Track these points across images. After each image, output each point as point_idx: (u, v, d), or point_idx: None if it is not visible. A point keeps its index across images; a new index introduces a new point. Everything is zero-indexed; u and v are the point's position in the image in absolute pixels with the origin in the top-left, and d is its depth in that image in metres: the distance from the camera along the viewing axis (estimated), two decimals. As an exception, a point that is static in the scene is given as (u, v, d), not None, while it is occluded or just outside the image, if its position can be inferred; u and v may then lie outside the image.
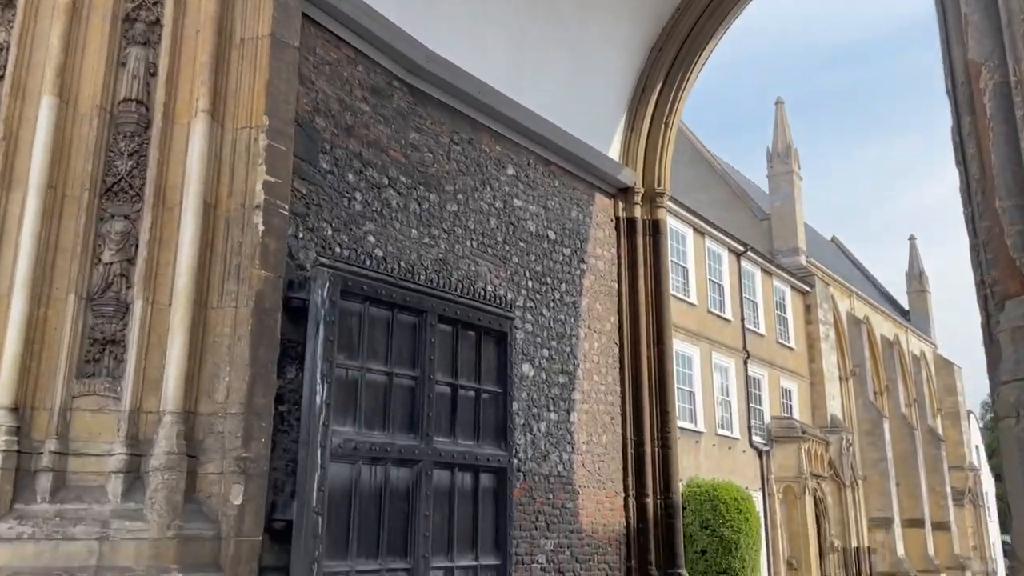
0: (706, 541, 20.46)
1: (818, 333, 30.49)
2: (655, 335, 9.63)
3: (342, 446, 5.67)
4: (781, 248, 31.28)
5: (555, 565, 8.05)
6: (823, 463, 27.82)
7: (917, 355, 41.50)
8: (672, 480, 9.28)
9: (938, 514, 36.95)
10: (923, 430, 38.19)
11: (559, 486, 8.32)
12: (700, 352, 23.69)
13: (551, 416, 8.43)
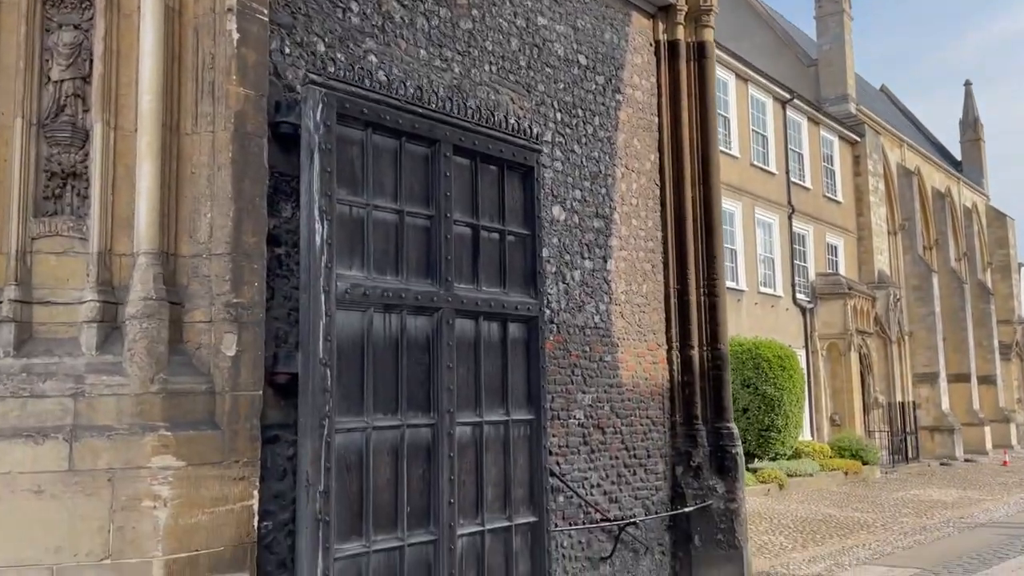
0: (748, 399, 20.13)
1: (867, 185, 29.04)
2: (700, 174, 8.71)
3: (349, 292, 5.01)
4: (829, 96, 29.40)
5: (594, 420, 7.53)
6: (869, 319, 27.08)
7: (969, 207, 39.78)
8: (720, 331, 8.60)
9: (984, 368, 36.39)
10: (972, 284, 37.07)
11: (596, 338, 7.69)
12: (742, 207, 22.63)
13: (586, 264, 7.69)
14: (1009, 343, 40.07)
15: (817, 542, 12.10)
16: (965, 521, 14.54)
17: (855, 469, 21.65)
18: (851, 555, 11.01)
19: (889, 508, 16.22)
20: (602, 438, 7.61)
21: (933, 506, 16.64)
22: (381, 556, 5.09)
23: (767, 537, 12.35)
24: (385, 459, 5.21)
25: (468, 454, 5.72)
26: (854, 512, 15.48)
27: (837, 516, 14.82)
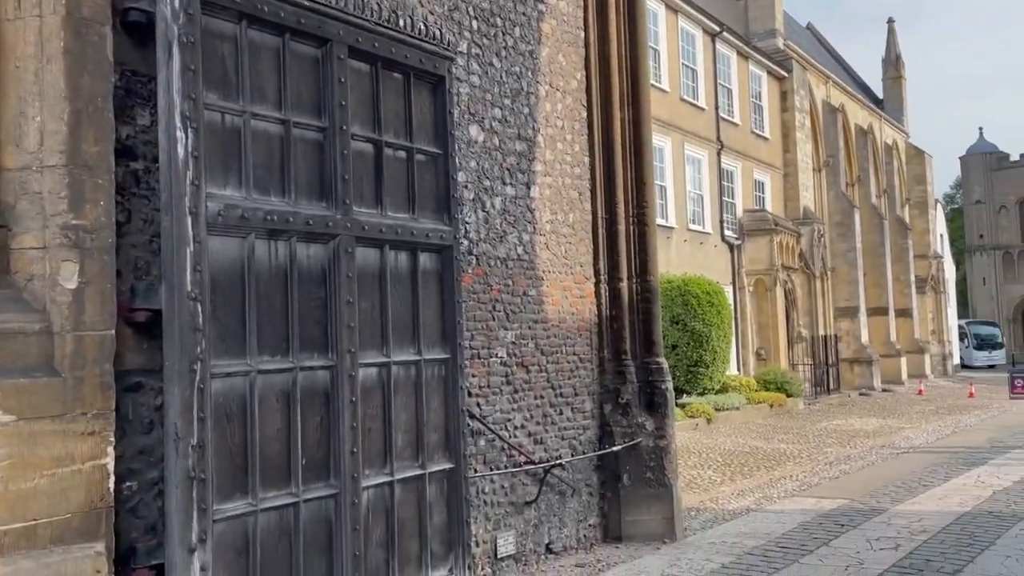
0: (677, 336, 20.06)
1: (794, 122, 29.04)
2: (630, 95, 8.12)
3: (223, 214, 4.28)
4: (757, 31, 29.07)
5: (517, 359, 7.01)
6: (794, 255, 27.35)
7: (889, 144, 40.49)
8: (650, 262, 8.13)
9: (901, 302, 37.51)
10: (891, 220, 37.92)
11: (519, 271, 7.12)
12: (671, 143, 22.25)
13: (507, 190, 7.06)
14: (925, 277, 41.39)
15: (745, 475, 12.04)
16: (887, 449, 14.78)
17: (780, 402, 21.98)
18: (779, 487, 10.95)
19: (813, 439, 16.42)
20: (526, 377, 7.10)
21: (855, 435, 16.92)
22: (272, 515, 4.48)
23: (696, 472, 12.23)
24: (275, 406, 4.56)
25: (374, 398, 5.12)
26: (780, 444, 15.59)
27: (764, 448, 14.88)
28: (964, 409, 22.94)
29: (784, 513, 9.09)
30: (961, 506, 9.09)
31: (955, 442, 15.72)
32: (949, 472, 11.66)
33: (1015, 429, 17.65)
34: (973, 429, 18.02)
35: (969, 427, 18.39)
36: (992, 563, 6.73)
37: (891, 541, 7.57)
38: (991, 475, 11.29)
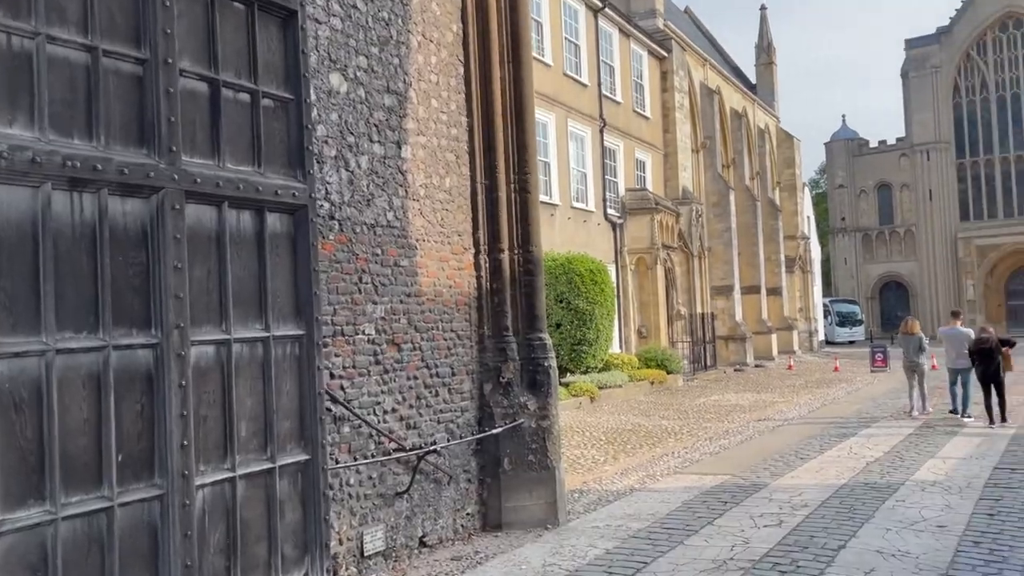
0: (561, 314, 19.87)
1: (673, 102, 29.41)
2: (510, 52, 7.57)
3: (8, 156, 3.44)
4: (638, 10, 29.20)
5: (387, 335, 6.37)
6: (673, 235, 27.77)
7: (762, 128, 41.92)
8: (532, 231, 7.64)
9: (772, 281, 39.04)
10: (764, 202, 39.31)
11: (390, 239, 6.47)
12: (556, 119, 21.95)
13: (375, 149, 6.38)
14: (793, 257, 43.25)
15: (628, 453, 11.87)
16: (763, 423, 15.05)
17: (660, 378, 22.24)
18: (662, 464, 10.81)
19: (693, 414, 16.58)
20: (398, 356, 6.48)
21: (732, 410, 17.22)
22: (77, 524, 3.70)
23: (580, 451, 11.96)
24: (80, 393, 3.76)
25: (210, 381, 4.38)
26: (661, 420, 15.62)
27: (646, 425, 14.84)
28: (831, 383, 23.95)
29: (668, 492, 8.89)
30: (838, 478, 9.16)
31: (826, 414, 16.22)
32: (823, 444, 11.87)
33: (878, 401, 18.46)
34: (841, 402, 18.73)
35: (837, 400, 19.11)
36: (873, 537, 6.67)
37: (774, 517, 7.45)
38: (862, 446, 11.56)
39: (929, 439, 12.05)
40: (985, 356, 14.17)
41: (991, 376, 14.01)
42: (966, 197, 60.58)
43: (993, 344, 14.31)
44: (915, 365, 15.81)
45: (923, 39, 61.96)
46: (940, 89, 60.94)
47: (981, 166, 60.29)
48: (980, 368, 14.23)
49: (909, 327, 16.43)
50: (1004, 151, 59.48)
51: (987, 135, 60.12)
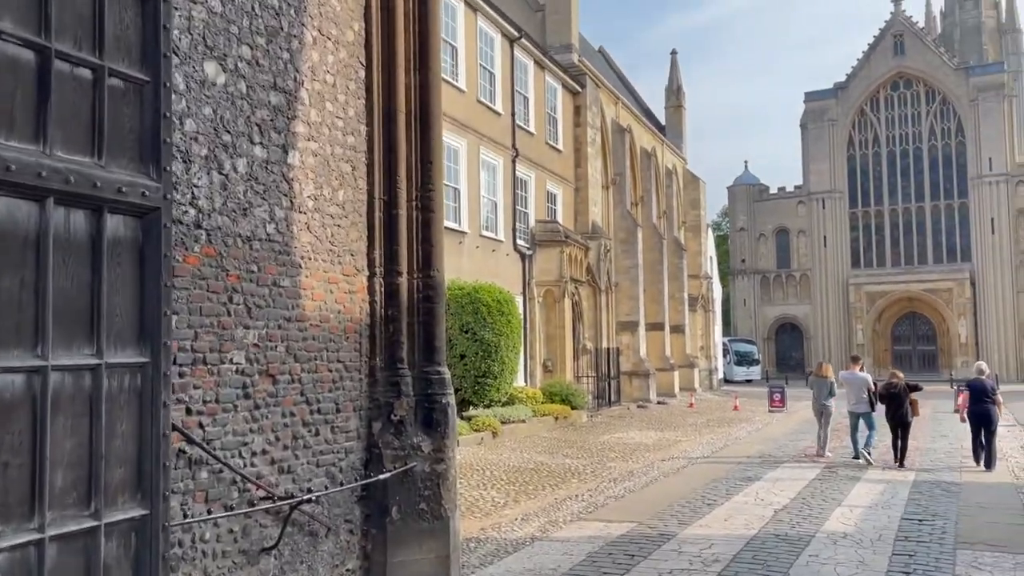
0: (466, 345, 19.19)
1: (586, 137, 29.44)
2: (417, 57, 6.93)
3: None
4: (554, 44, 29.21)
5: (260, 365, 5.54)
6: (582, 268, 27.59)
7: (670, 168, 42.69)
8: (434, 253, 6.96)
9: (676, 318, 39.49)
10: (670, 240, 39.89)
11: (269, 255, 5.67)
12: (468, 145, 21.43)
13: (256, 152, 5.59)
14: (696, 296, 44.01)
15: (530, 495, 11.22)
16: (668, 463, 14.70)
17: (565, 414, 21.78)
18: (565, 509, 10.20)
19: (597, 453, 16.11)
20: (272, 389, 5.65)
21: (637, 448, 16.85)
22: None
23: (479, 492, 11.23)
24: None
25: (16, 420, 3.47)
26: (565, 459, 15.07)
27: (549, 464, 14.25)
28: (732, 422, 24.04)
29: (571, 542, 8.26)
30: (748, 528, 8.75)
31: (729, 455, 16.04)
32: (730, 488, 11.54)
33: (779, 441, 18.49)
34: (743, 442, 18.67)
35: (739, 440, 19.05)
36: (788, 595, 6.21)
37: (685, 575, 6.91)
38: (768, 491, 11.28)
39: (833, 485, 11.90)
40: (894, 400, 14.48)
41: (899, 419, 14.29)
42: (858, 245, 63.47)
43: (902, 389, 14.62)
44: (824, 408, 15.99)
45: (821, 93, 65.06)
46: (836, 141, 63.97)
47: (872, 216, 63.37)
48: (889, 411, 14.52)
49: (822, 370, 16.62)
50: (893, 203, 62.74)
51: (878, 187, 63.33)
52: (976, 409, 14.18)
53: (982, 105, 59.20)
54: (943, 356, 60.02)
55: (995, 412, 14.07)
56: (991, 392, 14.30)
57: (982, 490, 11.44)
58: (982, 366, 15.22)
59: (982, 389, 14.35)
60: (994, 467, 13.74)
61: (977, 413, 14.14)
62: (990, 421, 13.89)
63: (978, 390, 14.38)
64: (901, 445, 14.27)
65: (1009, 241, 58.01)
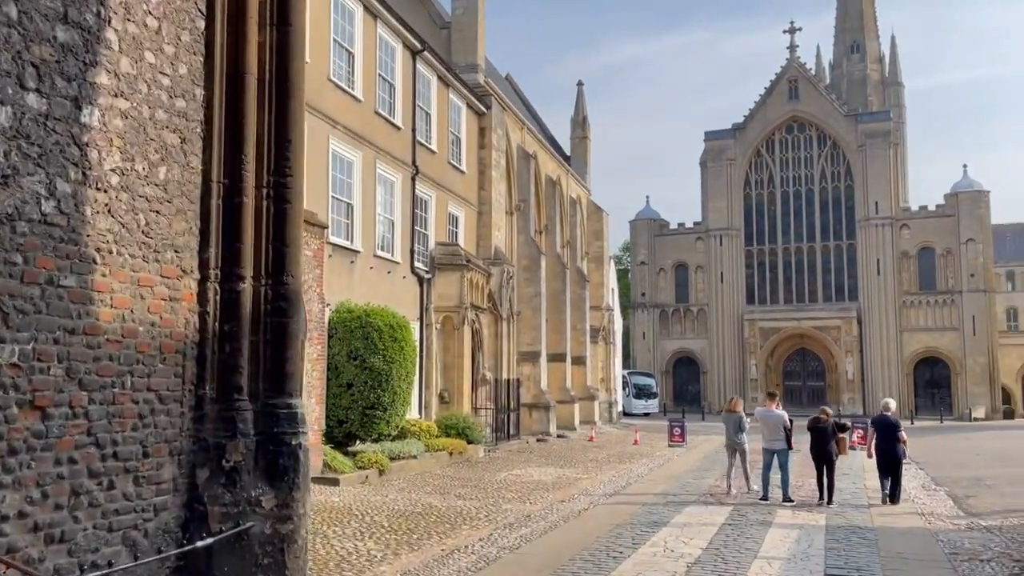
0: (354, 373, 17.56)
1: (490, 159, 28.44)
2: (275, 9, 5.58)
3: None
4: (459, 63, 28.20)
5: (22, 393, 4.00)
6: (483, 295, 26.38)
7: (575, 198, 42.27)
8: (290, 256, 5.56)
9: (577, 349, 38.76)
10: (573, 270, 39.28)
11: (44, 243, 4.16)
12: (363, 158, 19.99)
13: (30, 101, 4.11)
14: (598, 327, 43.50)
15: (413, 545, 9.76)
16: (568, 504, 13.51)
17: (460, 449, 20.36)
18: (452, 565, 8.80)
19: (492, 492, 14.77)
20: (40, 426, 4.11)
21: (535, 488, 15.61)
22: None
23: (353, 543, 9.68)
24: None
25: None
26: (457, 500, 13.66)
27: (439, 507, 12.81)
28: (633, 457, 23.16)
29: (455, 610, 6.88)
30: (660, 588, 7.60)
31: (633, 494, 15.00)
32: (635, 536, 10.40)
33: (682, 479, 17.62)
34: (646, 479, 17.71)
35: (642, 477, 18.09)
36: None
37: (590, 656, 5.65)
38: (677, 539, 10.20)
39: (745, 531, 10.95)
40: (820, 435, 14.15)
41: (825, 456, 13.93)
42: (753, 281, 64.95)
43: (829, 426, 14.25)
44: (736, 444, 15.42)
45: (720, 133, 66.74)
46: (733, 180, 65.59)
47: (767, 254, 65.05)
48: (814, 448, 14.13)
49: (732, 405, 16.06)
50: (786, 242, 64.62)
51: (772, 226, 65.15)
52: (884, 446, 13.98)
53: (869, 151, 61.94)
54: (831, 392, 61.74)
55: (901, 449, 14.07)
56: (897, 428, 14.11)
57: (898, 537, 10.72)
58: (889, 403, 14.90)
59: (890, 426, 14.12)
60: (899, 501, 13.82)
61: (884, 450, 14.07)
62: (896, 457, 13.93)
63: (885, 427, 14.15)
64: (828, 483, 13.85)
65: (893, 282, 60.53)
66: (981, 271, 58.69)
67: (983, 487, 16.40)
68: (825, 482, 13.92)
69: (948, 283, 59.78)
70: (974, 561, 9.04)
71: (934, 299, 59.94)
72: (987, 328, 58.36)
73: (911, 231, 61.03)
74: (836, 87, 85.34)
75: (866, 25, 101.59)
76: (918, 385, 59.96)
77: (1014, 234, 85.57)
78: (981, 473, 18.78)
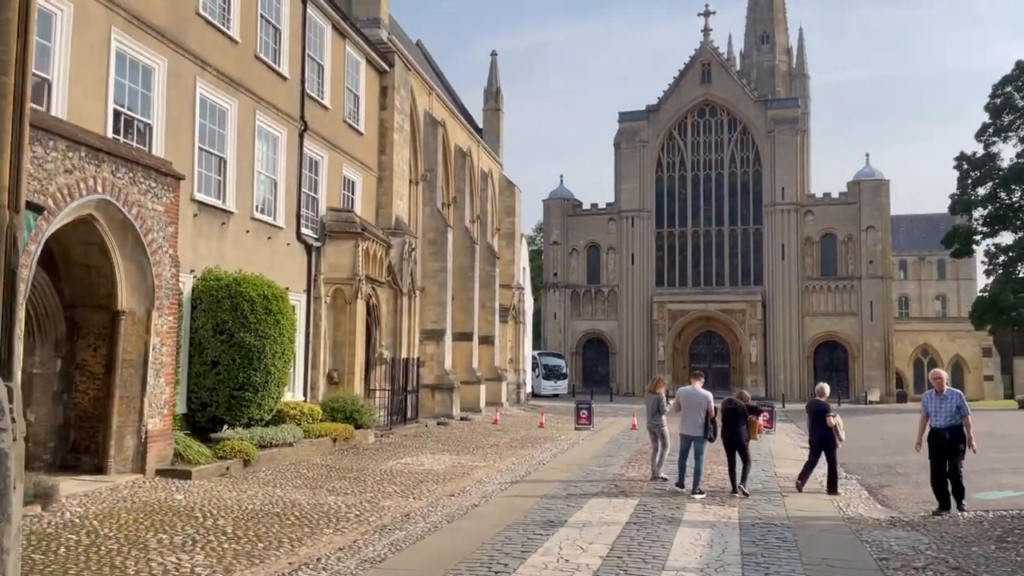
0: (221, 350, 15.47)
1: (392, 122, 26.39)
2: None
3: None
4: (360, 16, 25.98)
5: None
6: (382, 268, 24.42)
7: (486, 171, 40.61)
8: None
9: (486, 328, 37.24)
10: (482, 246, 37.67)
11: None
12: (239, 107, 17.73)
13: None
14: (508, 306, 42.08)
15: (255, 558, 7.97)
16: (457, 500, 11.92)
17: (347, 434, 18.51)
18: (295, 585, 7.08)
19: (372, 486, 13.05)
20: None
21: (424, 479, 13.97)
22: None
23: (177, 558, 7.81)
24: None
25: None
26: (328, 495, 11.89)
27: (304, 505, 11.01)
28: (536, 442, 21.84)
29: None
30: (546, 620, 6.08)
31: (530, 486, 13.54)
32: (527, 541, 8.88)
33: (586, 467, 16.32)
34: (547, 467, 16.33)
35: (543, 465, 16.70)
36: None
37: None
38: (575, 545, 8.73)
39: (652, 532, 9.60)
40: (732, 418, 13.04)
41: (736, 441, 12.84)
42: (663, 264, 64.90)
43: (741, 409, 13.14)
44: (655, 426, 14.33)
45: (634, 114, 66.14)
46: (646, 162, 65.19)
47: (676, 236, 65.06)
48: (727, 432, 13.23)
49: (654, 385, 14.92)
50: (696, 225, 64.75)
51: (683, 209, 65.14)
52: (819, 431, 13.35)
53: (778, 137, 62.49)
54: (735, 374, 62.39)
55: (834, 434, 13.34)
56: (827, 412, 13.46)
57: (819, 537, 9.58)
58: (824, 387, 14.12)
59: (822, 411, 13.44)
60: (837, 491, 13.10)
61: (820, 435, 13.35)
62: (832, 442, 13.27)
63: (819, 412, 13.46)
64: (743, 470, 12.86)
65: (797, 267, 61.43)
66: (880, 258, 60.15)
67: (895, 475, 15.69)
68: (738, 470, 12.88)
69: (848, 269, 61.08)
70: (908, 568, 7.91)
71: (835, 284, 61.16)
72: (884, 313, 59.94)
73: (815, 217, 62.01)
74: (747, 76, 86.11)
75: (776, 17, 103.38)
76: (817, 368, 61.14)
77: (907, 225, 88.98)
78: (889, 460, 18.18)
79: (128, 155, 12.06)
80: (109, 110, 13.56)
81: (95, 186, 11.19)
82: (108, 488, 11.17)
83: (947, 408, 11.45)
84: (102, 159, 11.38)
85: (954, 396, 11.57)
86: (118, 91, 13.88)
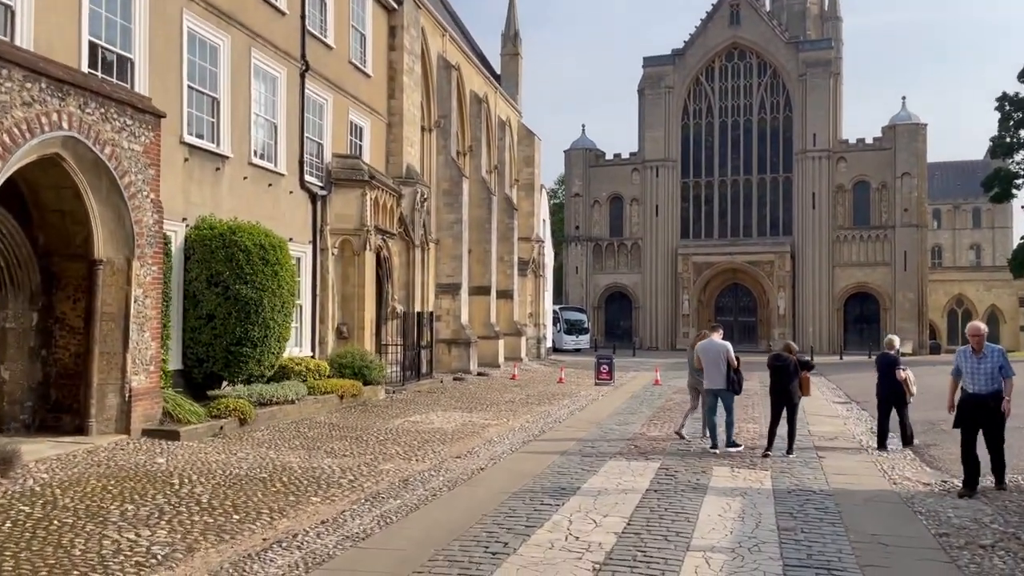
0: (216, 303, 14.54)
1: (402, 64, 25.03)
2: None
3: None
4: (367, -50, 24.46)
5: None
6: (393, 218, 23.33)
7: (504, 119, 39.11)
8: None
9: (504, 282, 36.21)
10: (500, 198, 36.43)
11: None
12: (232, 43, 16.53)
13: None
14: (527, 260, 40.95)
15: (224, 534, 7.05)
16: (462, 462, 10.97)
17: (355, 391, 17.65)
18: (269, 566, 6.14)
19: (374, 447, 12.15)
20: None
21: (430, 439, 13.05)
22: None
23: (136, 533, 6.90)
24: None
25: None
26: (325, 458, 10.99)
27: (296, 469, 10.11)
28: (555, 397, 20.88)
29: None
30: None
31: (544, 446, 12.57)
32: (533, 514, 7.89)
33: (605, 425, 15.33)
34: (563, 425, 15.35)
35: (559, 422, 15.72)
36: None
37: None
38: (586, 518, 7.72)
39: (675, 501, 8.57)
40: (781, 374, 12.08)
41: (786, 398, 11.95)
42: (688, 215, 63.13)
43: (792, 364, 12.01)
44: (699, 383, 13.30)
45: (659, 59, 63.77)
46: (671, 109, 63.02)
47: (703, 187, 63.13)
48: (775, 389, 12.21)
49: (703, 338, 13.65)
50: (723, 174, 62.73)
51: (709, 158, 63.09)
52: (889, 384, 12.59)
53: (810, 80, 59.97)
54: (762, 327, 60.98)
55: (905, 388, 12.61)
56: (896, 365, 12.60)
57: (865, 507, 8.50)
58: (893, 339, 13.12)
59: (892, 363, 12.61)
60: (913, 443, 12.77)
61: (890, 389, 12.61)
62: (903, 397, 12.58)
63: (888, 364, 12.66)
64: (789, 430, 11.93)
65: (828, 216, 59.42)
66: (915, 206, 57.97)
67: (940, 433, 14.49)
68: (785, 429, 11.87)
69: (882, 218, 58.98)
70: (974, 547, 6.82)
71: (867, 234, 59.14)
72: (918, 264, 57.97)
73: (847, 164, 59.75)
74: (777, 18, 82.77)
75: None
76: (848, 321, 59.51)
77: (942, 173, 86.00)
78: (931, 416, 16.94)
79: (99, 89, 10.98)
80: (83, 42, 12.43)
81: (59, 121, 10.14)
82: (85, 451, 10.34)
83: (986, 369, 9.37)
84: (67, 92, 10.31)
85: (996, 354, 9.48)
86: (93, 21, 12.73)
